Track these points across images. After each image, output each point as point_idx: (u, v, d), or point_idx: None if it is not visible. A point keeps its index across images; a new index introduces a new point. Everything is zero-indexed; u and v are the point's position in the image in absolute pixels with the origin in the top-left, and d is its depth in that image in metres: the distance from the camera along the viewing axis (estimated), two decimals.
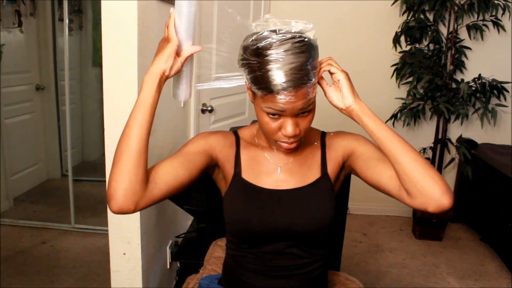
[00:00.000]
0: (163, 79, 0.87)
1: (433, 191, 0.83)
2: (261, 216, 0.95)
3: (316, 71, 0.86)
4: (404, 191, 0.88)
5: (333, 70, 0.91)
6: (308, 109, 0.88)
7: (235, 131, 1.07)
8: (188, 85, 0.96)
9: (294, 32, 0.84)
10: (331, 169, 1.01)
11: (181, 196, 1.68)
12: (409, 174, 0.84)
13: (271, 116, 0.87)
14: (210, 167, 1.01)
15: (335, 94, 0.92)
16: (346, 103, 0.91)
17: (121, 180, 0.82)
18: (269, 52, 0.82)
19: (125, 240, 1.53)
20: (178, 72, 0.90)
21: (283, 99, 0.82)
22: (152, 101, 0.86)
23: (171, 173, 0.90)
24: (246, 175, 0.99)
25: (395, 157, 0.86)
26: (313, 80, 0.84)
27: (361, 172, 0.97)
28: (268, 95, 0.84)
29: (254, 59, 0.83)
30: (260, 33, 0.84)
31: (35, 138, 3.40)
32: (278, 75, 0.81)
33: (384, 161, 0.92)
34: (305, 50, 0.82)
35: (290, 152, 0.98)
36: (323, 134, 1.06)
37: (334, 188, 1.02)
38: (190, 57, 0.91)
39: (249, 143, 1.03)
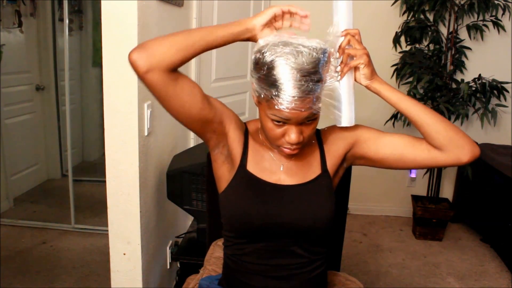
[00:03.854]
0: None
1: (466, 141, 0.93)
2: (263, 210, 0.96)
3: (322, 83, 0.86)
4: (435, 151, 0.94)
5: (352, 52, 0.92)
6: (313, 118, 0.89)
7: (245, 122, 1.08)
8: (351, 109, 0.94)
9: (304, 45, 0.84)
10: (331, 164, 1.03)
11: (181, 196, 1.68)
12: (443, 132, 0.92)
13: (275, 122, 0.88)
14: (212, 132, 0.97)
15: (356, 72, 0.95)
16: (363, 83, 0.94)
17: (163, 45, 0.83)
18: (277, 63, 0.83)
19: (125, 240, 1.53)
20: (341, 96, 0.92)
21: (289, 108, 0.84)
22: (218, 46, 0.89)
23: (195, 90, 0.90)
24: (251, 168, 1.00)
25: (425, 121, 0.93)
26: (318, 91, 0.85)
27: (375, 154, 1.00)
28: (274, 103, 0.85)
29: (263, 69, 0.85)
30: (269, 44, 0.85)
31: (35, 138, 3.40)
32: (284, 85, 0.82)
33: (394, 135, 0.99)
34: (312, 62, 0.83)
35: (291, 157, 0.99)
36: (318, 132, 1.07)
37: (333, 184, 1.03)
38: (350, 77, 0.92)
39: (255, 138, 1.04)
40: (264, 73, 0.84)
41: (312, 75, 0.83)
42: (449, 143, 0.92)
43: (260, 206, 0.96)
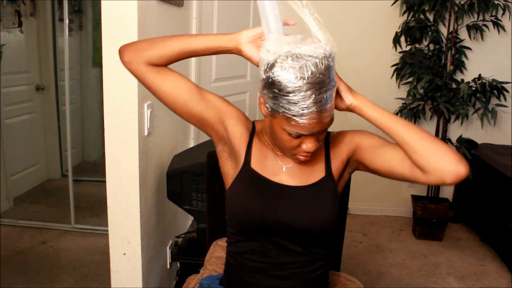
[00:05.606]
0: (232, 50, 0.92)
1: (447, 163, 0.85)
2: (265, 207, 0.97)
3: (335, 87, 0.87)
4: (417, 170, 0.89)
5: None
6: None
7: (253, 121, 1.09)
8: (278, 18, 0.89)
9: (313, 56, 0.83)
10: (335, 167, 1.02)
11: (181, 196, 1.68)
12: (420, 152, 0.87)
13: (294, 136, 0.88)
14: (211, 129, 1.01)
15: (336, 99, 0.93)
16: (347, 103, 0.92)
17: (144, 42, 0.94)
18: (293, 81, 0.81)
19: (125, 240, 1.53)
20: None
21: (311, 123, 0.84)
22: (198, 52, 0.93)
23: (179, 84, 0.95)
24: (255, 165, 1.01)
25: (402, 139, 0.89)
26: (334, 95, 0.87)
27: (370, 163, 0.98)
28: (295, 120, 0.84)
29: (278, 88, 0.83)
30: (277, 60, 0.83)
31: (35, 138, 3.40)
32: (305, 103, 0.82)
33: (391, 147, 0.95)
34: (325, 71, 0.83)
35: (302, 162, 0.99)
36: (327, 134, 1.06)
37: (338, 187, 1.03)
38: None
39: (260, 137, 1.04)
40: (281, 92, 0.83)
41: (328, 84, 0.83)
42: (433, 168, 0.85)
43: (263, 203, 0.97)
